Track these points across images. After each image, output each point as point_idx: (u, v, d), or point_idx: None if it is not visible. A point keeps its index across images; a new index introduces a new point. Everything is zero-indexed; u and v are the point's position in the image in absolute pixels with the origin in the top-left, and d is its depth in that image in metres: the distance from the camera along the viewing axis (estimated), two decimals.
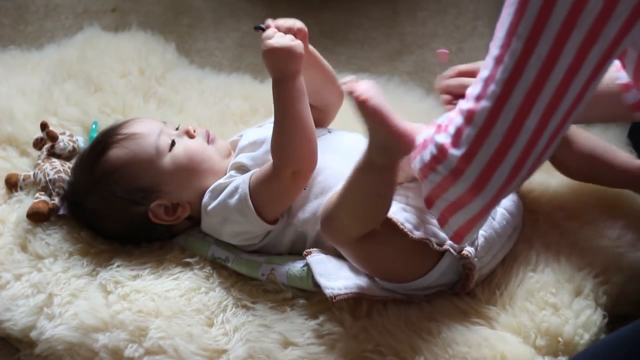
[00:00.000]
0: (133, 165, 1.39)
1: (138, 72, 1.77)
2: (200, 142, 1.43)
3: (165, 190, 1.39)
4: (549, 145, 1.03)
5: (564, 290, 1.32)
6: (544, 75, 0.97)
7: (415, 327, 1.28)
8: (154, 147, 1.39)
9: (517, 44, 0.97)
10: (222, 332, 1.31)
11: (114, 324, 1.33)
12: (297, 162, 1.31)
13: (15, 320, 1.37)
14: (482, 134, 1.02)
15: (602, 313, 1.30)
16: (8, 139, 1.64)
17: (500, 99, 1.00)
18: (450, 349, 1.25)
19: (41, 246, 1.45)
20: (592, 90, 1.00)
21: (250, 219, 1.34)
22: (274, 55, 1.31)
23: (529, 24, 0.96)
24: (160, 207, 1.40)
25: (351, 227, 1.24)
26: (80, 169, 1.46)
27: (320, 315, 1.31)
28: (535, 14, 0.95)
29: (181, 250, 1.44)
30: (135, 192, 1.39)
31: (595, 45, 0.96)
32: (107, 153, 1.40)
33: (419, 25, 2.01)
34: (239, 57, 2.00)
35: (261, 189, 1.33)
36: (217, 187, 1.39)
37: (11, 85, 1.74)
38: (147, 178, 1.39)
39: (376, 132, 1.15)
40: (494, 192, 1.05)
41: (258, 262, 1.37)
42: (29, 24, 2.09)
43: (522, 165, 1.03)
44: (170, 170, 1.39)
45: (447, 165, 1.05)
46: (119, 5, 2.13)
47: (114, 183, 1.39)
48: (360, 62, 1.96)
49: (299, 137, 1.31)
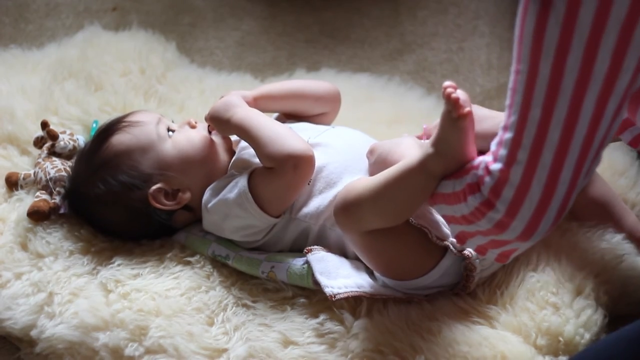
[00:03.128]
0: (134, 150, 1.40)
1: (139, 71, 1.77)
2: (202, 131, 1.45)
3: (166, 175, 1.40)
4: (586, 178, 1.06)
5: (564, 290, 1.32)
6: (568, 134, 1.00)
7: (415, 326, 1.28)
8: (154, 132, 1.42)
9: (535, 112, 0.99)
10: (223, 331, 1.31)
11: (114, 323, 1.33)
12: (291, 154, 1.31)
13: (15, 319, 1.37)
14: (521, 192, 1.04)
15: (603, 312, 1.30)
16: (9, 137, 1.64)
17: (531, 162, 1.02)
18: (451, 348, 1.24)
19: (42, 245, 1.45)
20: (617, 124, 1.02)
21: (252, 212, 1.34)
22: (215, 114, 1.41)
23: (542, 91, 0.98)
24: (160, 192, 1.40)
25: (371, 220, 1.23)
26: (81, 160, 1.47)
27: (321, 315, 1.31)
28: (547, 82, 0.97)
29: (181, 249, 1.44)
30: (136, 176, 1.40)
31: (611, 97, 0.98)
32: (109, 139, 1.42)
33: (420, 25, 2.01)
34: (240, 57, 2.00)
35: (264, 186, 1.33)
36: (217, 185, 1.39)
37: (12, 84, 1.74)
38: (148, 162, 1.40)
39: (449, 144, 1.14)
40: (542, 234, 1.08)
41: (258, 259, 1.37)
42: (29, 23, 2.09)
43: (565, 206, 1.06)
44: (171, 155, 1.41)
45: (490, 220, 1.07)
46: (119, 4, 2.13)
47: (115, 167, 1.40)
48: (361, 62, 1.97)
49: (276, 135, 1.33)
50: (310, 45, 2.01)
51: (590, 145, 1.01)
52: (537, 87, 0.98)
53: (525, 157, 1.02)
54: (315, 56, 1.98)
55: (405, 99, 1.75)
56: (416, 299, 1.31)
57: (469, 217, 1.09)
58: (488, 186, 1.05)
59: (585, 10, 0.93)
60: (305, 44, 2.02)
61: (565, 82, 0.97)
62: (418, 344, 1.26)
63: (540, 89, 0.98)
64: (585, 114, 0.99)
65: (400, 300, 1.32)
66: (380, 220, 1.23)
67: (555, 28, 0.95)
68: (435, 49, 1.96)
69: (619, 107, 1.00)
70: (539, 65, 0.97)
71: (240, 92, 1.47)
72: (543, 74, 0.97)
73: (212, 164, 1.43)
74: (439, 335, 1.27)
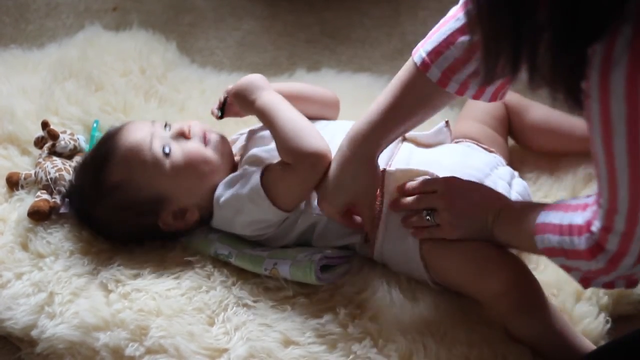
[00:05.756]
0: (134, 179, 1.38)
1: (139, 71, 1.77)
2: (197, 144, 1.41)
3: (171, 197, 1.39)
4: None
5: (564, 292, 1.32)
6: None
7: (417, 326, 1.28)
8: (151, 156, 1.38)
9: (623, 193, 0.95)
10: (223, 331, 1.31)
11: (114, 323, 1.33)
12: (312, 153, 1.30)
13: (16, 319, 1.37)
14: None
15: (604, 316, 1.30)
16: (9, 137, 1.64)
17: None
18: (454, 349, 1.25)
19: (42, 245, 1.45)
20: None
21: (265, 207, 1.34)
22: (241, 92, 1.39)
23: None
24: (169, 215, 1.40)
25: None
26: (84, 180, 1.44)
27: (321, 315, 1.31)
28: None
29: (182, 249, 1.44)
30: (142, 204, 1.39)
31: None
32: (106, 170, 1.39)
33: (420, 25, 2.01)
34: (240, 56, 2.00)
35: (278, 181, 1.33)
36: (230, 179, 1.39)
37: (12, 84, 1.74)
38: (151, 188, 1.38)
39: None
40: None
41: (261, 256, 1.37)
42: (30, 23, 2.09)
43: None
44: (171, 176, 1.38)
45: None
46: (120, 4, 2.13)
47: (119, 198, 1.39)
48: (361, 62, 1.97)
49: (299, 130, 1.32)
50: (311, 45, 2.01)
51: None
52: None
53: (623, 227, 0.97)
54: (316, 56, 1.98)
55: None
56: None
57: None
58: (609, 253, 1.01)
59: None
60: (306, 43, 2.02)
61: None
62: (420, 344, 1.26)
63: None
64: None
65: (402, 301, 1.32)
66: None
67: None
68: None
69: None
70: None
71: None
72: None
73: (213, 176, 1.40)
74: (440, 336, 1.27)
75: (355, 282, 1.34)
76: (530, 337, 1.25)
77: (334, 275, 1.35)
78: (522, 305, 1.23)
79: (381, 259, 1.37)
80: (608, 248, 0.99)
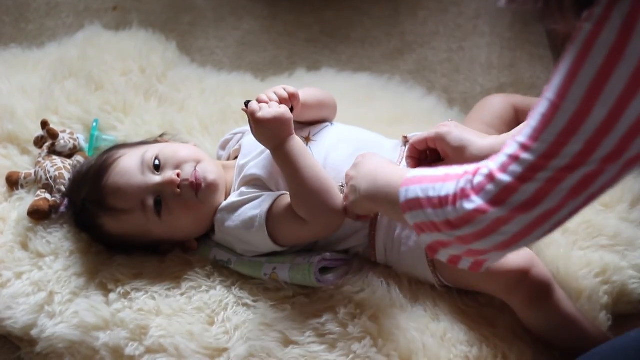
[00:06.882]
0: (132, 236, 1.41)
1: (139, 71, 1.77)
2: (189, 198, 1.37)
3: (168, 239, 1.42)
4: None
5: (564, 291, 1.32)
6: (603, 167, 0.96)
7: (417, 326, 1.28)
8: (143, 217, 1.38)
9: (574, 147, 0.95)
10: (223, 330, 1.31)
11: (114, 323, 1.33)
12: (328, 213, 1.29)
13: (16, 319, 1.37)
14: (525, 206, 1.00)
15: (605, 315, 1.30)
16: (9, 137, 1.64)
17: (550, 184, 0.98)
18: (454, 349, 1.25)
19: (42, 244, 1.45)
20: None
21: (267, 244, 1.35)
22: (266, 126, 1.31)
23: (589, 131, 0.94)
24: (168, 246, 1.43)
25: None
26: (84, 225, 1.45)
27: (321, 314, 1.31)
28: (598, 124, 0.93)
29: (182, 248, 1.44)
30: (143, 246, 1.42)
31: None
32: (102, 221, 1.41)
33: (420, 24, 2.01)
34: (240, 56, 2.00)
35: (285, 224, 1.32)
36: (230, 205, 1.38)
37: (12, 84, 1.74)
38: (149, 240, 1.41)
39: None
40: (522, 247, 1.04)
41: (260, 262, 1.37)
42: (30, 22, 2.09)
43: (563, 224, 1.03)
44: (165, 232, 1.40)
45: (479, 223, 1.02)
46: (120, 4, 2.13)
47: (118, 242, 1.43)
48: (361, 61, 1.96)
49: (320, 187, 1.29)
50: (311, 45, 2.01)
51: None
52: (584, 127, 0.93)
53: (544, 178, 0.97)
54: (316, 55, 1.98)
55: (405, 98, 1.75)
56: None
57: (454, 222, 1.04)
58: (490, 193, 1.02)
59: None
60: (306, 43, 2.02)
61: (623, 123, 0.92)
62: (420, 344, 1.26)
63: (588, 128, 0.93)
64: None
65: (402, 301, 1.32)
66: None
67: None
68: (435, 49, 1.96)
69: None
70: (592, 108, 0.92)
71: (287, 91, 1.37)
72: (596, 116, 0.93)
73: (206, 216, 1.40)
74: (440, 336, 1.27)
75: (355, 282, 1.34)
76: (546, 328, 1.26)
77: (333, 277, 1.35)
78: (534, 297, 1.24)
79: (385, 262, 1.38)
80: (493, 186, 0.99)
